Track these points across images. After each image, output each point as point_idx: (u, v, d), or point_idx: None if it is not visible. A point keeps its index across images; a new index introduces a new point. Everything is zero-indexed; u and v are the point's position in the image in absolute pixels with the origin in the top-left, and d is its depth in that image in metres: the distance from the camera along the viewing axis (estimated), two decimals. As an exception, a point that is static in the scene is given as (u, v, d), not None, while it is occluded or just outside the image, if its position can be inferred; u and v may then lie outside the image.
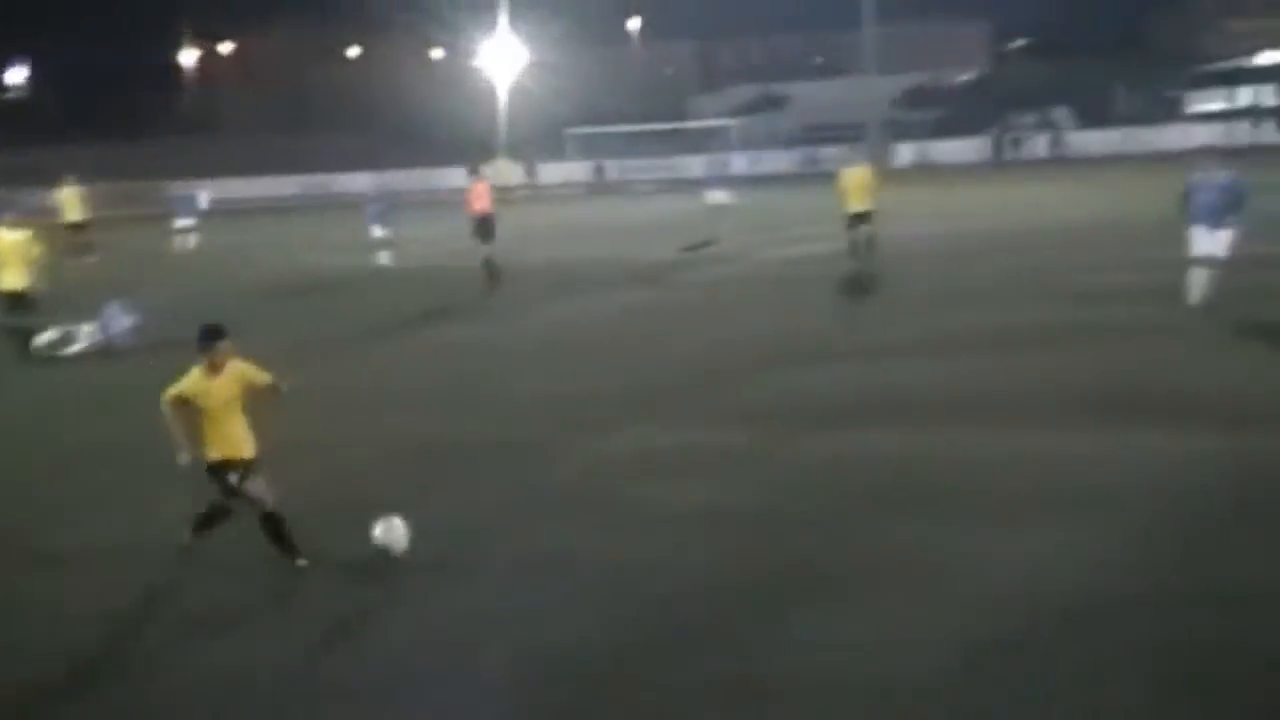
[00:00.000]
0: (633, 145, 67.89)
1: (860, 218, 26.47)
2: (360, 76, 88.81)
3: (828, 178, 30.67)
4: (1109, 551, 9.94)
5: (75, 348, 23.40)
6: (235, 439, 10.44)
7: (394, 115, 79.14)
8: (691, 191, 46.33)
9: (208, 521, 10.71)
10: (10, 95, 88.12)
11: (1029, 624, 8.71)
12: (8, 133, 78.57)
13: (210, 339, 10.36)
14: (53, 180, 51.78)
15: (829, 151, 59.88)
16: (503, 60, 72.34)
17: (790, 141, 75.91)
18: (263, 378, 10.60)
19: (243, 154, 77.15)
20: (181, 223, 43.01)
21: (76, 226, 41.52)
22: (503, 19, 71.34)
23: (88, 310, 24.05)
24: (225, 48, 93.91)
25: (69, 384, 21.11)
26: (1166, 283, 20.93)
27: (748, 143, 74.61)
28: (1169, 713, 7.58)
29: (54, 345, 23.39)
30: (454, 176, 72.68)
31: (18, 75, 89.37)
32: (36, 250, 23.66)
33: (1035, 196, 44.53)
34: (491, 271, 28.28)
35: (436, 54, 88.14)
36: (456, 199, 54.39)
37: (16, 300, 23.13)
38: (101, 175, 46.71)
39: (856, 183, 26.77)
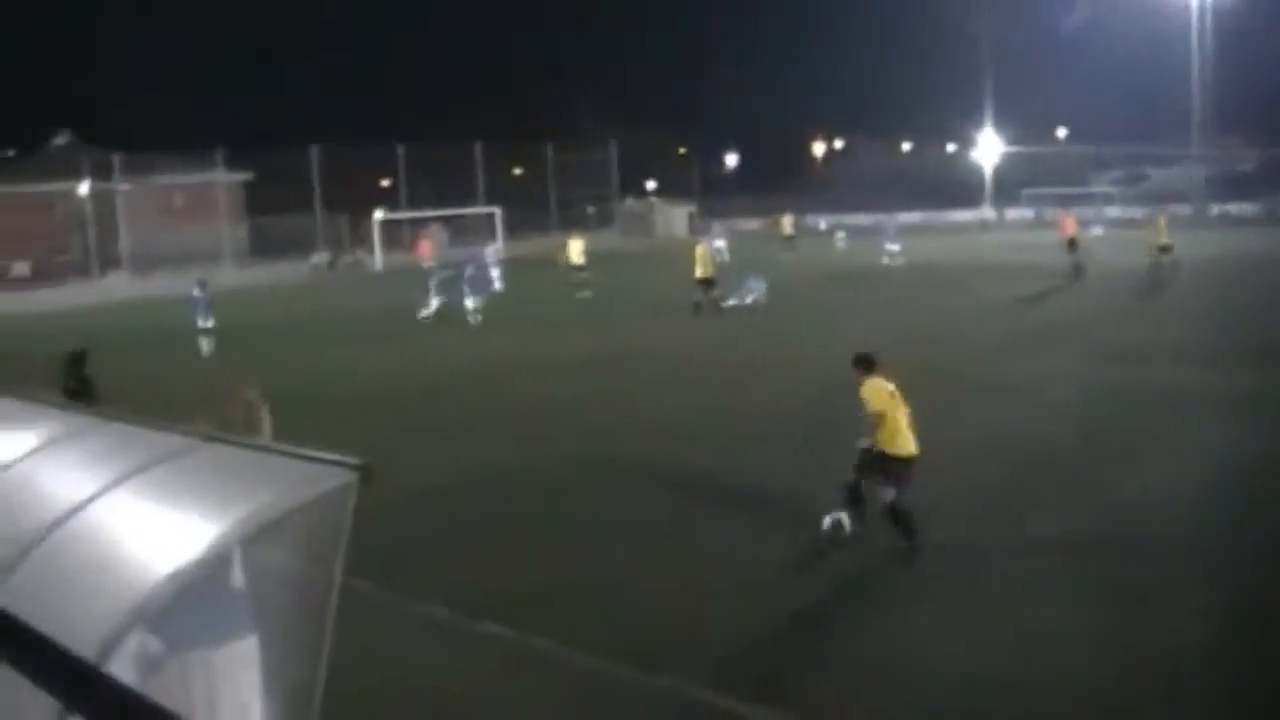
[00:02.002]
0: (1065, 200, 63.87)
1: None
2: (907, 159, 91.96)
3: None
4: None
5: (733, 302, 24.62)
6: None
7: (930, 178, 78.79)
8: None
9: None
10: (726, 173, 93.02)
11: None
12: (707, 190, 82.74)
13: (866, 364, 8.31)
14: (736, 214, 56.13)
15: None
16: (988, 148, 74.23)
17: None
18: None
19: (857, 199, 76.61)
20: (890, 246, 37.08)
21: (788, 239, 43.47)
22: (988, 125, 73.29)
23: (740, 282, 24.83)
24: (839, 143, 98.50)
25: (742, 325, 22.00)
26: None
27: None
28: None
29: (730, 303, 24.39)
30: (960, 214, 72.08)
31: (731, 160, 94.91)
32: (709, 253, 24.97)
33: None
34: (1077, 271, 27.82)
35: (950, 147, 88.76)
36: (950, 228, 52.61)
37: (706, 283, 24.27)
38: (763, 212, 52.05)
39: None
